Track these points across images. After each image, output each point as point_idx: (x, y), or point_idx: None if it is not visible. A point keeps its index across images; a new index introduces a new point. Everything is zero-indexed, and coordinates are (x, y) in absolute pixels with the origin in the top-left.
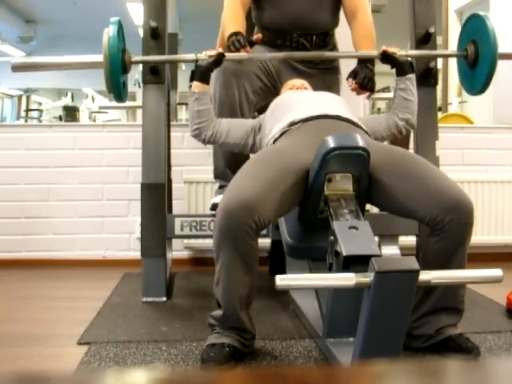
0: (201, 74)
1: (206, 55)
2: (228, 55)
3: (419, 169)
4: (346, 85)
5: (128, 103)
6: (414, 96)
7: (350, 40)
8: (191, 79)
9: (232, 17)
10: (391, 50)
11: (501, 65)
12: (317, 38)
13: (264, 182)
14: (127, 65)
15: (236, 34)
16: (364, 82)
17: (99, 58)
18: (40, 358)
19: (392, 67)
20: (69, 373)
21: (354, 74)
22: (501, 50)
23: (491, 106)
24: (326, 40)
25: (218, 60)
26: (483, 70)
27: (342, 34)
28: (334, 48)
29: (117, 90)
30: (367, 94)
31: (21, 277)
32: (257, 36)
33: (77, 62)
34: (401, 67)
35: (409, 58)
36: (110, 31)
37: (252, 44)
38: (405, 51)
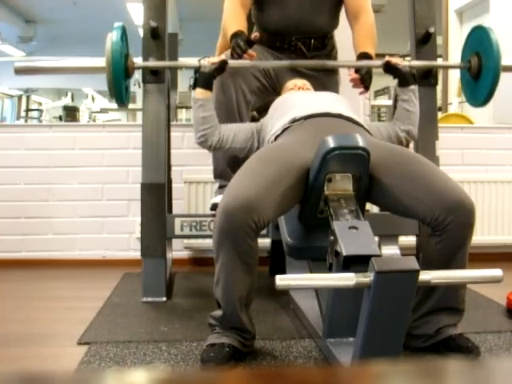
0: (204, 80)
1: (208, 62)
2: (231, 62)
3: (420, 168)
4: (345, 85)
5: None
6: (415, 107)
7: (351, 42)
8: (194, 86)
9: (233, 16)
10: (394, 60)
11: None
12: (315, 41)
13: (264, 181)
14: (130, 70)
15: (237, 35)
16: (365, 76)
17: (102, 62)
18: (40, 358)
19: (394, 77)
20: (69, 373)
21: (357, 68)
22: (504, 61)
23: (491, 105)
24: (324, 42)
25: (221, 67)
26: (486, 82)
27: (343, 37)
28: (332, 49)
29: (119, 95)
30: (362, 89)
31: (21, 277)
32: (254, 35)
33: (79, 67)
34: (403, 78)
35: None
36: (114, 36)
37: (251, 44)
38: (408, 62)
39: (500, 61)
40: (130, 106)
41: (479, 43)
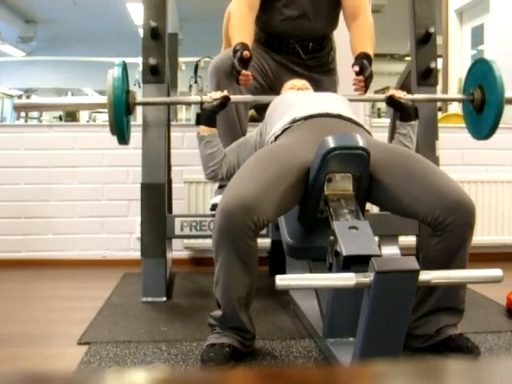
0: (207, 118)
1: (210, 98)
2: (233, 98)
3: (420, 168)
4: (344, 86)
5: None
6: (412, 143)
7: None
8: (197, 122)
9: (238, 24)
10: (398, 94)
11: (501, 64)
12: (313, 44)
13: (263, 181)
14: (131, 106)
15: (236, 50)
16: (368, 79)
17: (103, 99)
18: (40, 358)
19: (396, 111)
20: (69, 373)
21: (360, 66)
22: (507, 94)
23: None
24: (322, 44)
25: (224, 103)
26: (490, 115)
27: (342, 38)
28: (331, 51)
29: (121, 131)
30: (362, 91)
31: (21, 277)
32: (244, 53)
33: (81, 104)
34: (405, 113)
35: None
36: (115, 73)
37: (246, 62)
38: (411, 95)
39: (504, 95)
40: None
41: (482, 76)
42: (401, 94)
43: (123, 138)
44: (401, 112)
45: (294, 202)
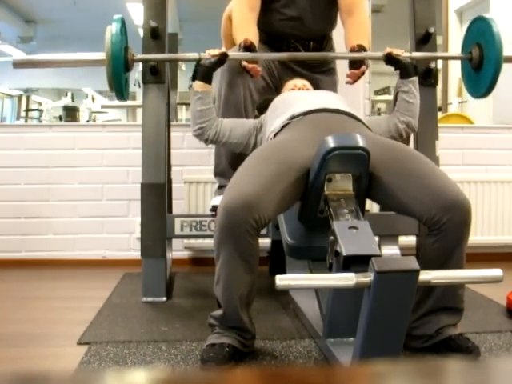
0: (204, 73)
1: (208, 54)
2: (231, 54)
3: (419, 167)
4: (343, 86)
5: (129, 102)
6: (416, 99)
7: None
8: (193, 78)
9: (240, 24)
10: (395, 52)
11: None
12: (314, 43)
13: (264, 179)
14: (130, 63)
15: (246, 43)
16: (356, 63)
17: (101, 55)
18: (40, 358)
19: (396, 69)
20: (69, 373)
21: (354, 62)
22: (506, 52)
23: (491, 106)
24: (322, 43)
25: (221, 60)
26: (488, 73)
27: (340, 39)
28: (331, 49)
29: (119, 88)
30: (351, 81)
31: (21, 277)
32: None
33: (79, 60)
34: (405, 69)
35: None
36: (113, 29)
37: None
38: (409, 53)
39: (502, 52)
40: (132, 102)
41: (481, 34)
42: (399, 52)
43: (122, 95)
44: (400, 69)
45: (294, 200)
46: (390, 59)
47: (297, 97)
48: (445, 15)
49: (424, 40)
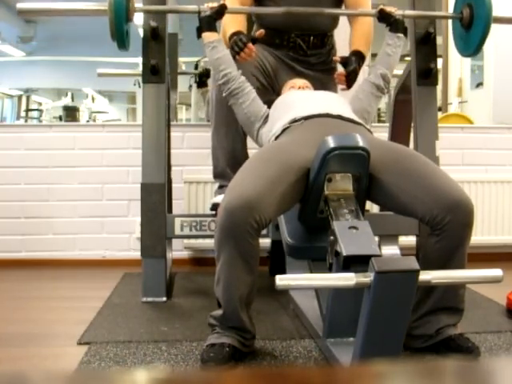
0: (206, 23)
1: (207, 7)
2: (230, 8)
3: (419, 167)
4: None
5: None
6: (396, 54)
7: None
8: (199, 34)
9: (231, 18)
10: (388, 9)
11: (501, 64)
12: (314, 39)
13: (265, 180)
14: (131, 12)
15: (237, 33)
16: (351, 74)
17: (104, 5)
18: (40, 358)
19: (387, 25)
20: (69, 373)
21: (345, 61)
22: (495, 13)
23: (491, 105)
24: (323, 41)
25: (220, 10)
26: (478, 31)
27: (342, 37)
28: (332, 48)
29: (120, 37)
30: (344, 87)
31: (21, 277)
32: (259, 32)
33: (81, 9)
34: (395, 25)
35: (404, 18)
36: None
37: (254, 41)
38: (402, 11)
39: (491, 11)
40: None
41: None
42: (392, 9)
43: (123, 44)
44: (390, 25)
45: (294, 201)
46: (382, 15)
47: (297, 98)
48: None
49: (424, 40)
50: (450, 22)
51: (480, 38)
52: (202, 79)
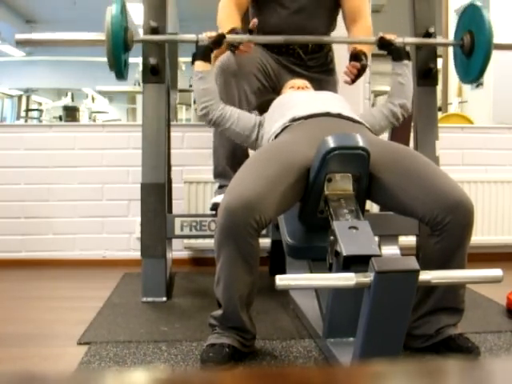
0: (202, 53)
1: (206, 36)
2: (229, 37)
3: (420, 167)
4: (344, 87)
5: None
6: (409, 81)
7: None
8: (193, 60)
9: (226, 16)
10: (388, 36)
11: (501, 64)
12: (313, 45)
13: (265, 180)
14: (129, 43)
15: (233, 30)
16: (362, 69)
17: (101, 35)
18: (40, 358)
19: (388, 53)
20: (69, 373)
21: (354, 55)
22: (496, 40)
23: (491, 105)
24: (321, 45)
25: (219, 40)
26: (478, 59)
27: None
28: (329, 51)
29: (119, 67)
30: (348, 80)
31: (21, 277)
32: (253, 22)
33: (79, 40)
34: (397, 53)
35: (407, 47)
36: (113, 9)
37: (250, 33)
38: (402, 38)
39: (492, 38)
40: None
41: (472, 21)
42: (391, 36)
43: (121, 75)
44: (392, 53)
45: (294, 200)
46: (382, 43)
47: (298, 98)
48: (445, 15)
49: None
50: (450, 18)
51: (481, 65)
52: None
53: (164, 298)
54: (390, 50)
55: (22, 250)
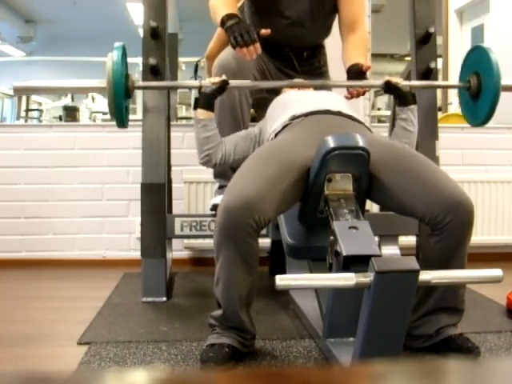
0: (205, 101)
1: (209, 82)
2: (232, 82)
3: (420, 167)
4: (339, 90)
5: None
6: (414, 127)
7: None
8: (195, 107)
9: (221, 3)
10: (394, 80)
11: (501, 64)
12: (307, 52)
13: (264, 180)
14: (130, 90)
15: (231, 15)
16: (365, 91)
17: (102, 83)
18: (40, 358)
19: (395, 97)
20: (69, 373)
21: (356, 74)
22: (504, 81)
23: None
24: (315, 52)
25: (223, 86)
26: (486, 102)
27: (334, 44)
28: (322, 55)
29: (119, 115)
30: (349, 96)
31: (21, 277)
32: (265, 31)
33: (80, 87)
34: (403, 98)
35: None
36: (114, 56)
37: (259, 36)
38: (407, 82)
39: (500, 80)
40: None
41: (478, 63)
42: (397, 80)
43: (122, 122)
44: (399, 97)
45: (294, 200)
46: (389, 87)
47: (297, 97)
48: (445, 15)
49: (424, 40)
50: (450, 18)
51: (489, 108)
52: None
53: (164, 298)
54: (396, 94)
55: (22, 250)
